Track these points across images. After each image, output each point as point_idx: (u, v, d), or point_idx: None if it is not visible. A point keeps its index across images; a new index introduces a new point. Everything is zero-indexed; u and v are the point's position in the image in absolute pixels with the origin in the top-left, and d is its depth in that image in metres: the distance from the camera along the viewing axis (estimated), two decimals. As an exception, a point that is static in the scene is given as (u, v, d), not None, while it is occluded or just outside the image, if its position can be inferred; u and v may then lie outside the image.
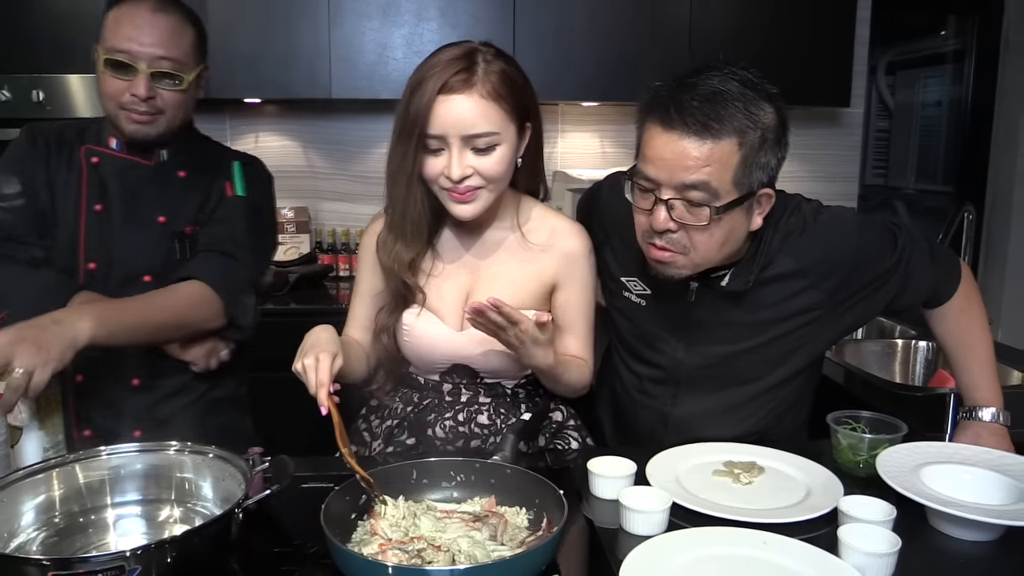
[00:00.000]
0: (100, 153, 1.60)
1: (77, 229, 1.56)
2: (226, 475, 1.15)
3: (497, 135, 1.31)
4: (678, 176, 1.24)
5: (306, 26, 2.84)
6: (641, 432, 1.59)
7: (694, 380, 1.51)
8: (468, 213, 1.36)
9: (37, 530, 1.10)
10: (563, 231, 1.48)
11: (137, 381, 1.57)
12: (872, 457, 1.35)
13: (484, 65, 1.30)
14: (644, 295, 1.50)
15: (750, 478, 1.35)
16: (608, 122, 3.41)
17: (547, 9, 2.91)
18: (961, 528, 1.18)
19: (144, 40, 1.48)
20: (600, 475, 1.29)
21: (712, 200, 1.25)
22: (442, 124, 1.29)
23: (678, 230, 1.29)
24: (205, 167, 1.64)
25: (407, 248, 1.42)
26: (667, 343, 1.50)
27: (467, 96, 1.28)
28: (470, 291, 1.46)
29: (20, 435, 1.29)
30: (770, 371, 1.49)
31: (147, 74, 1.49)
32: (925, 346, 2.40)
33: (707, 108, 1.23)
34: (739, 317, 1.44)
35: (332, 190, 3.31)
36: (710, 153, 1.23)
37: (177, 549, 0.96)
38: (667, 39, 2.95)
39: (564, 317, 1.49)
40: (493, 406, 1.50)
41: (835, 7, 3.10)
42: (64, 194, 1.57)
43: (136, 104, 1.50)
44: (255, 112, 3.25)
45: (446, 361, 1.47)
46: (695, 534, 1.15)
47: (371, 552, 1.07)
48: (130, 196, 1.59)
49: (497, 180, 1.35)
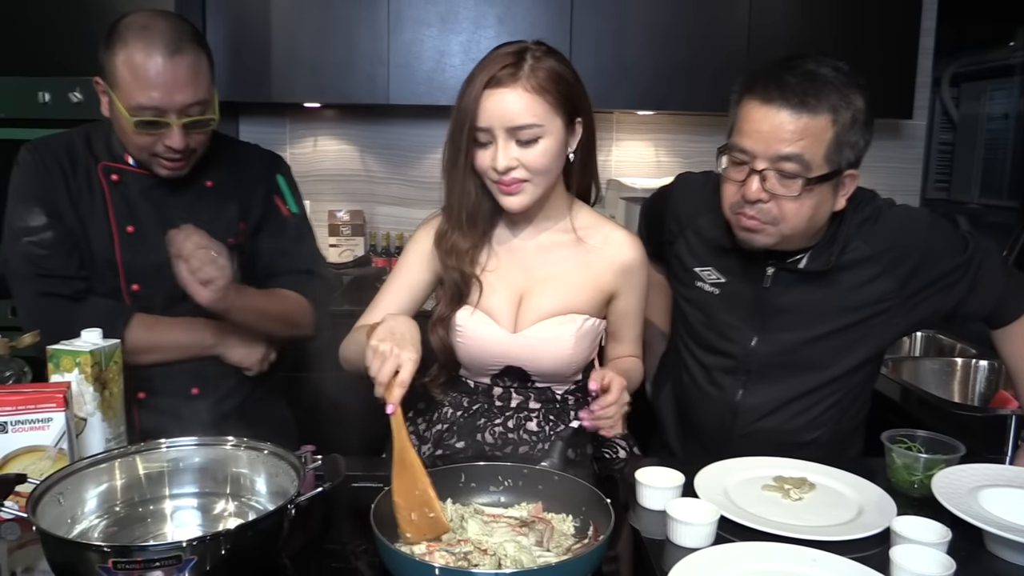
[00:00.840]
0: (119, 170, 1.56)
1: (113, 253, 1.54)
2: (280, 471, 1.18)
3: (541, 127, 1.33)
4: (773, 148, 1.31)
5: (366, 33, 2.88)
6: (707, 424, 1.61)
7: (765, 369, 1.53)
8: (515, 205, 1.39)
9: (99, 518, 1.14)
10: (619, 240, 1.49)
11: (196, 390, 1.61)
12: (927, 478, 1.32)
13: (532, 61, 1.33)
14: (718, 284, 1.54)
15: (800, 494, 1.33)
16: (663, 131, 3.39)
17: (604, 17, 2.91)
18: (1020, 554, 1.15)
19: (170, 91, 1.41)
20: (648, 485, 1.29)
21: (804, 172, 1.32)
22: (488, 117, 1.33)
23: (769, 200, 1.35)
24: (233, 173, 1.63)
25: (463, 238, 1.45)
26: (740, 331, 1.53)
27: (511, 89, 1.32)
28: (524, 292, 1.47)
29: (85, 425, 1.34)
30: (838, 359, 1.50)
31: (179, 125, 1.44)
32: (986, 365, 2.34)
33: (805, 85, 1.31)
34: (814, 302, 1.47)
35: (387, 194, 3.36)
36: (805, 127, 1.30)
37: (231, 542, 0.99)
38: (725, 48, 2.92)
39: (622, 323, 1.53)
40: (543, 412, 1.51)
41: (899, 17, 3.04)
42: (92, 217, 1.53)
43: (171, 154, 1.47)
44: (314, 116, 3.31)
45: (498, 363, 1.48)
46: (743, 548, 1.14)
47: (419, 553, 1.08)
48: (162, 213, 1.55)
49: (542, 173, 1.37)
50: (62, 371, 1.33)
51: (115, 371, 1.39)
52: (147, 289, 1.58)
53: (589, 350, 1.49)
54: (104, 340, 1.38)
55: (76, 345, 1.35)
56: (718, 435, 1.58)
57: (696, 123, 3.37)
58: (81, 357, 1.33)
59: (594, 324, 1.48)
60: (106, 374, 1.36)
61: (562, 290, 1.46)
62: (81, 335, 1.37)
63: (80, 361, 1.32)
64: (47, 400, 1.21)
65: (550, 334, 1.44)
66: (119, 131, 1.50)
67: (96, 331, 1.38)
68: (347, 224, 3.22)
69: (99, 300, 1.54)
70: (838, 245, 1.45)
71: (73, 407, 1.28)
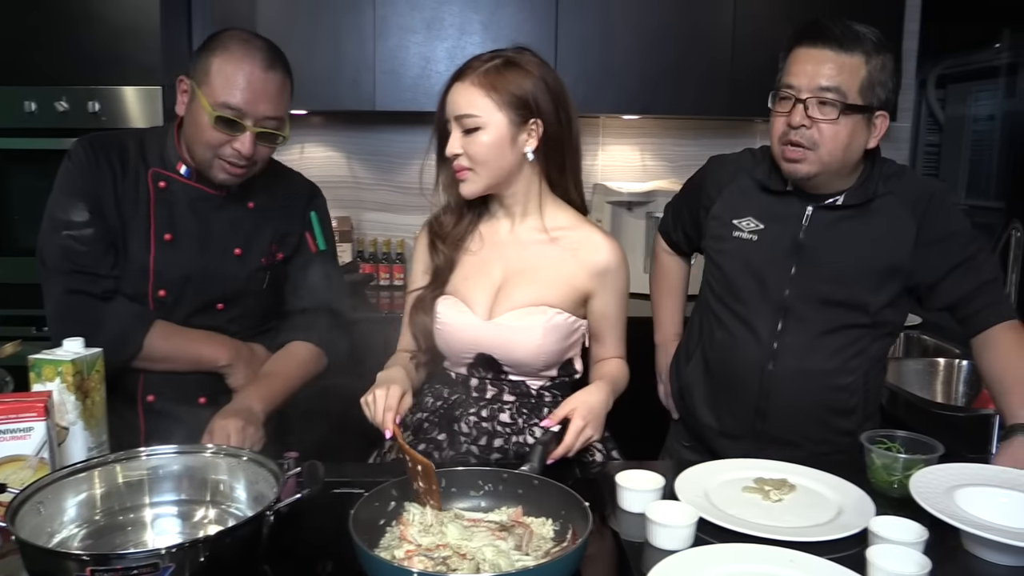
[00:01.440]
0: (168, 178, 1.60)
1: (147, 258, 1.58)
2: (259, 478, 1.18)
3: (478, 118, 1.44)
4: (815, 81, 1.53)
5: (352, 40, 2.89)
6: (744, 375, 1.68)
7: (801, 307, 1.64)
8: (465, 190, 1.51)
9: (79, 527, 1.14)
10: (595, 242, 1.54)
11: (203, 399, 1.63)
12: (907, 478, 1.33)
13: (493, 64, 1.46)
14: (756, 231, 1.68)
15: (780, 495, 1.34)
16: (649, 135, 3.40)
17: (590, 23, 2.92)
18: (996, 552, 1.16)
19: (256, 99, 1.48)
20: (628, 488, 1.30)
21: (842, 99, 1.52)
22: (447, 108, 1.48)
23: (811, 126, 1.54)
24: (275, 198, 1.69)
25: (448, 219, 1.58)
26: (778, 269, 1.65)
27: (460, 83, 1.46)
28: (501, 283, 1.54)
29: (66, 434, 1.34)
30: (867, 299, 1.61)
31: (253, 132, 1.50)
32: (968, 366, 2.35)
33: (846, 30, 1.55)
34: (847, 240, 1.62)
35: (375, 200, 3.36)
36: (843, 64, 1.53)
37: (209, 549, 0.99)
38: (710, 53, 2.93)
39: (601, 324, 1.57)
40: (516, 405, 1.55)
41: (882, 20, 3.03)
42: (133, 220, 1.58)
43: (236, 158, 1.52)
44: (301, 123, 3.31)
45: (471, 350, 1.53)
46: (721, 550, 1.15)
47: (398, 557, 1.09)
48: (203, 226, 1.61)
49: (482, 163, 1.47)
50: (44, 380, 1.33)
51: (97, 380, 1.39)
52: (173, 297, 1.61)
53: (559, 345, 1.52)
54: (86, 349, 1.38)
55: (58, 354, 1.35)
56: (756, 385, 1.67)
57: (682, 127, 3.39)
58: (63, 366, 1.33)
59: (566, 319, 1.51)
60: (88, 383, 1.36)
61: (536, 283, 1.52)
62: (63, 344, 1.38)
63: (62, 370, 1.33)
64: (28, 409, 1.21)
65: (521, 324, 1.49)
66: (193, 127, 1.54)
67: (78, 340, 1.38)
68: (335, 231, 3.21)
69: (124, 302, 1.57)
70: (872, 184, 1.62)
71: (55, 416, 1.28)
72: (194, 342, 1.62)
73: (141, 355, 1.56)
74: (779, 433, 1.67)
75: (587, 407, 1.38)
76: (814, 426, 1.66)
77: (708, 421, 1.77)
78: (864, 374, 1.66)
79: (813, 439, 1.67)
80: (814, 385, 1.64)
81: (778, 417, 1.66)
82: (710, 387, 1.77)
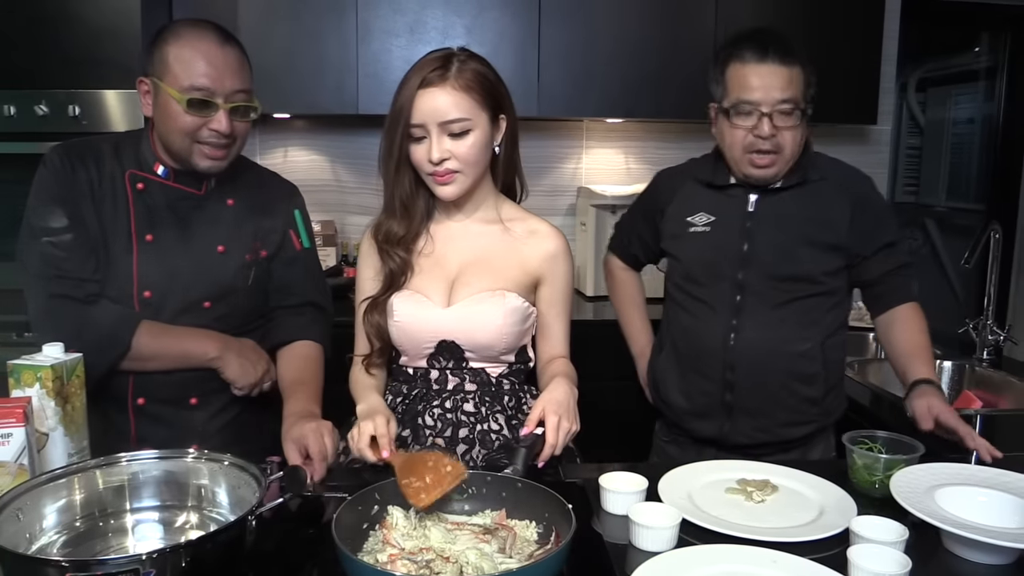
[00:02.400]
0: (145, 179, 1.60)
1: (130, 260, 1.58)
2: (241, 483, 1.18)
3: (469, 121, 1.46)
4: (772, 95, 1.67)
5: (334, 43, 2.89)
6: (710, 352, 1.80)
7: (755, 283, 1.77)
8: (449, 193, 1.51)
9: (58, 533, 1.13)
10: (543, 231, 1.61)
11: (195, 400, 1.64)
12: (888, 478, 1.34)
13: (458, 64, 1.47)
14: (709, 223, 1.82)
15: (763, 496, 1.35)
16: (632, 139, 3.42)
17: (572, 27, 2.93)
18: (975, 551, 1.17)
19: (220, 75, 1.51)
20: (611, 490, 1.30)
21: (797, 107, 1.69)
22: (422, 114, 1.45)
23: (777, 135, 1.68)
24: (253, 196, 1.69)
25: (400, 225, 1.57)
26: (732, 252, 1.78)
27: (442, 88, 1.45)
28: (456, 274, 1.57)
29: (46, 440, 1.33)
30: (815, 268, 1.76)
31: (226, 109, 1.52)
32: (950, 366, 2.38)
33: (782, 44, 1.69)
34: (790, 217, 1.76)
35: (359, 204, 3.35)
36: (790, 76, 1.68)
37: (191, 554, 0.99)
38: (692, 56, 2.95)
39: (549, 312, 1.61)
40: (478, 394, 1.58)
41: (861, 24, 3.09)
42: (113, 223, 1.58)
43: (215, 138, 1.53)
44: (284, 127, 3.30)
45: (432, 339, 1.55)
46: (704, 551, 1.15)
47: (381, 561, 1.08)
48: (184, 226, 1.62)
49: (472, 164, 1.49)
50: (23, 386, 1.32)
51: (77, 385, 1.38)
52: (158, 297, 1.60)
53: (518, 327, 1.56)
54: (65, 355, 1.37)
55: (37, 360, 1.34)
56: (720, 359, 1.79)
57: (664, 130, 3.40)
58: (42, 372, 1.32)
59: (522, 303, 1.56)
60: (68, 388, 1.35)
61: (491, 270, 1.57)
62: (43, 349, 1.37)
63: (41, 376, 1.32)
64: (7, 415, 1.20)
65: (481, 307, 1.53)
66: (165, 120, 1.54)
67: (58, 345, 1.37)
68: (319, 235, 3.20)
69: (109, 305, 1.57)
70: (804, 165, 1.78)
71: (34, 422, 1.27)
72: (181, 338, 1.60)
73: (130, 355, 1.55)
74: (747, 404, 1.79)
75: (555, 403, 1.38)
76: (779, 393, 1.78)
77: (680, 404, 1.88)
78: (821, 343, 1.78)
79: (780, 407, 1.78)
80: (774, 353, 1.76)
81: (745, 388, 1.78)
82: (680, 371, 1.88)
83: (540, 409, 1.38)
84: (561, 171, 3.40)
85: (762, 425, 1.78)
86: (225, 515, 1.19)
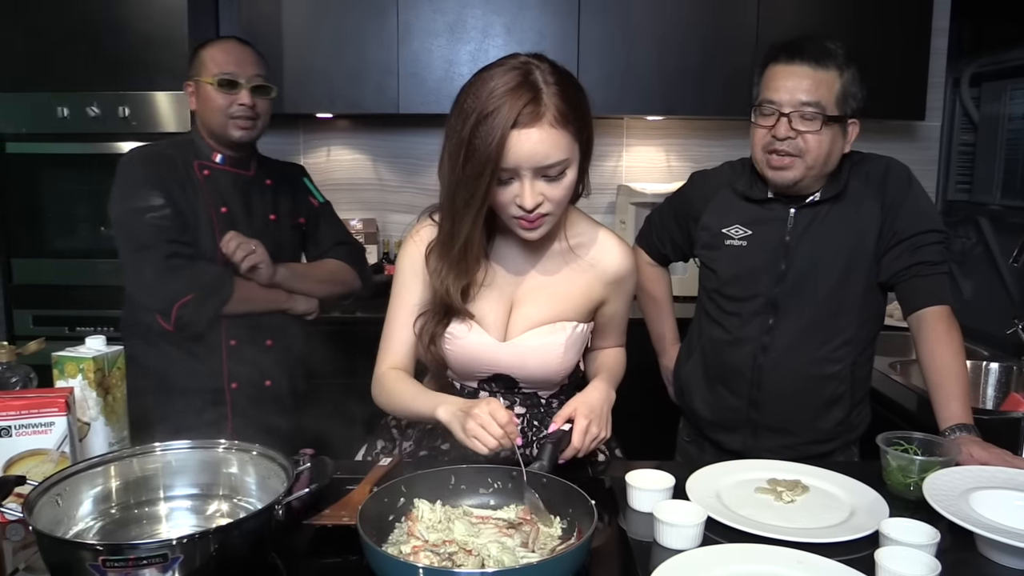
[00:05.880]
0: (209, 167, 2.00)
1: (212, 228, 1.94)
2: (271, 473, 1.20)
3: (567, 160, 1.30)
4: (796, 96, 1.63)
5: (376, 44, 2.93)
6: (738, 369, 1.78)
7: (790, 302, 1.73)
8: (536, 237, 1.38)
9: (95, 519, 1.17)
10: (611, 250, 1.48)
11: (270, 341, 2.03)
12: (923, 480, 1.31)
13: (546, 88, 1.27)
14: (746, 237, 1.78)
15: (793, 496, 1.33)
16: (673, 136, 3.39)
17: (612, 23, 2.93)
18: (1010, 556, 1.14)
19: (242, 63, 1.95)
20: (637, 488, 1.30)
21: (822, 112, 1.63)
22: (516, 158, 1.27)
23: (796, 136, 1.64)
24: (280, 177, 2.12)
25: (463, 276, 1.42)
26: (769, 268, 1.75)
27: (538, 128, 1.26)
28: (514, 301, 1.48)
29: (88, 429, 1.38)
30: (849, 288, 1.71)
31: (248, 88, 1.94)
32: (997, 368, 2.31)
33: (819, 48, 1.65)
34: (830, 229, 1.72)
35: (400, 202, 3.39)
36: (820, 79, 1.63)
37: (219, 541, 1.01)
38: (733, 52, 2.92)
39: (608, 324, 1.56)
40: (527, 418, 1.52)
41: (910, 18, 3.03)
42: (194, 201, 1.94)
43: (243, 111, 1.93)
44: (327, 127, 3.36)
45: (487, 371, 1.49)
46: (728, 550, 1.14)
47: (404, 553, 1.10)
48: (244, 200, 2.02)
49: (562, 203, 1.35)
50: (66, 377, 1.37)
51: (118, 377, 1.42)
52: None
53: (578, 356, 1.51)
54: (107, 347, 1.42)
55: (80, 352, 1.39)
56: (748, 377, 1.77)
57: (706, 127, 3.37)
58: (84, 363, 1.37)
59: (583, 330, 1.49)
60: (109, 379, 1.40)
61: (552, 299, 1.46)
62: (86, 342, 1.42)
63: (83, 367, 1.36)
64: (50, 405, 1.25)
65: (540, 342, 1.45)
66: (204, 104, 1.95)
67: (100, 338, 1.42)
68: (360, 233, 3.25)
69: (210, 264, 1.93)
70: (844, 175, 1.72)
71: (76, 412, 1.31)
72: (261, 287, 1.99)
73: (234, 298, 1.92)
74: (772, 422, 1.77)
75: (587, 406, 1.36)
76: (805, 414, 1.76)
77: (705, 414, 1.86)
78: (852, 363, 1.75)
79: (806, 427, 1.77)
80: (803, 375, 1.74)
81: (770, 407, 1.76)
82: (707, 382, 1.86)
83: (572, 408, 1.36)
84: (601, 169, 3.39)
85: (787, 443, 1.76)
86: (254, 504, 1.21)
